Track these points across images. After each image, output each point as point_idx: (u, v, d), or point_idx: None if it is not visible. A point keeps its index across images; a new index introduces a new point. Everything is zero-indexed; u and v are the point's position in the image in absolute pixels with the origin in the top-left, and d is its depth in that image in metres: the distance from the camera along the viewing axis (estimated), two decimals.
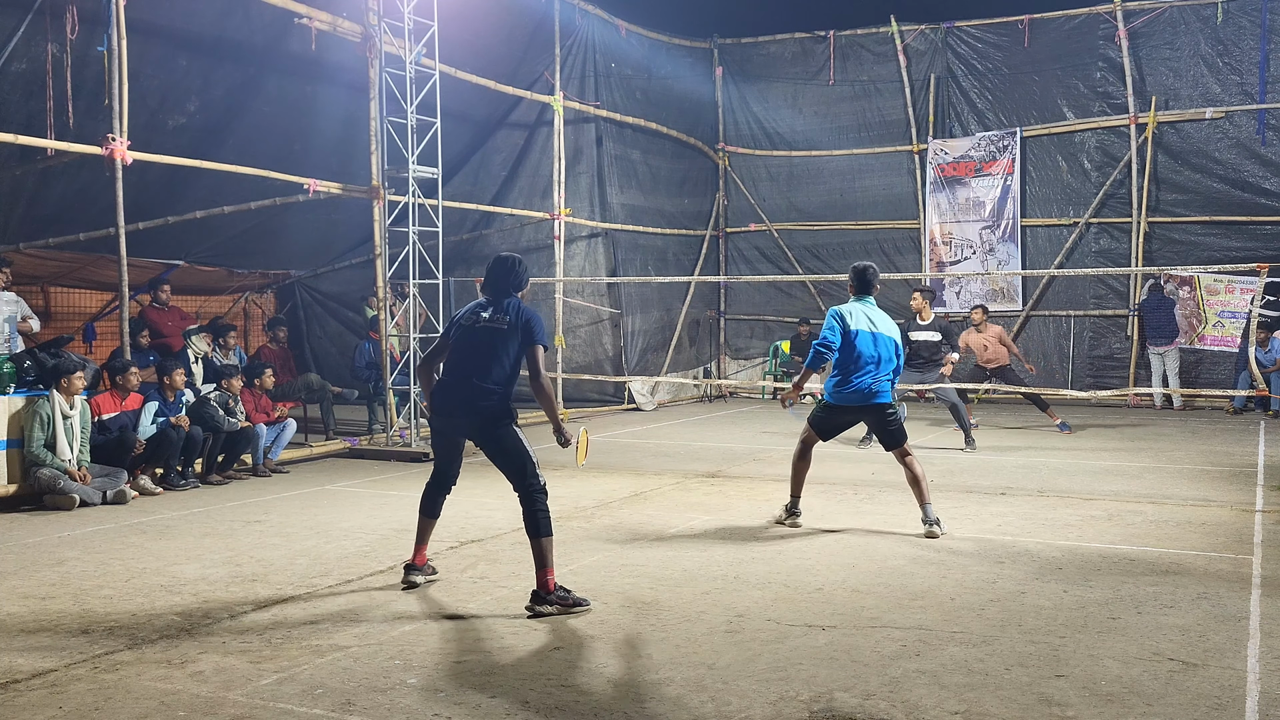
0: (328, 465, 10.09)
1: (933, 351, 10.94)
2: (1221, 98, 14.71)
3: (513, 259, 5.55)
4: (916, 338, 10.90)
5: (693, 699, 3.81)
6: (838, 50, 17.11)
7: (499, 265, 5.50)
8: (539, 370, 5.25)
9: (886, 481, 8.68)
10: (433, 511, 5.55)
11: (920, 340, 10.91)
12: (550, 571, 5.08)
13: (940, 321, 11.15)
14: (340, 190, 10.86)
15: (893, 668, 4.12)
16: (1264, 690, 3.86)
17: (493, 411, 5.25)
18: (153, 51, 9.68)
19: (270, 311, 15.12)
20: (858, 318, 6.99)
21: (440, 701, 3.81)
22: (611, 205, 15.64)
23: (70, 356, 8.25)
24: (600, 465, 9.70)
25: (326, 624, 4.77)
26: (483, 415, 5.26)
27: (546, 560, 5.09)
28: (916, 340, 10.90)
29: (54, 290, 12.33)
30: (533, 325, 5.31)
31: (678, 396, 16.77)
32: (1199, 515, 7.18)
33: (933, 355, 10.94)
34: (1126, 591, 5.22)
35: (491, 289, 5.48)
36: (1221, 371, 14.68)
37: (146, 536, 6.75)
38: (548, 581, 5.06)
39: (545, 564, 5.09)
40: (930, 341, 10.92)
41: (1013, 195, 15.97)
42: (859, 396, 6.91)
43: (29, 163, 9.43)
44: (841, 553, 6.14)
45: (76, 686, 3.99)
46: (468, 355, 5.33)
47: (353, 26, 10.64)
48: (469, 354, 5.33)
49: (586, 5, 14.92)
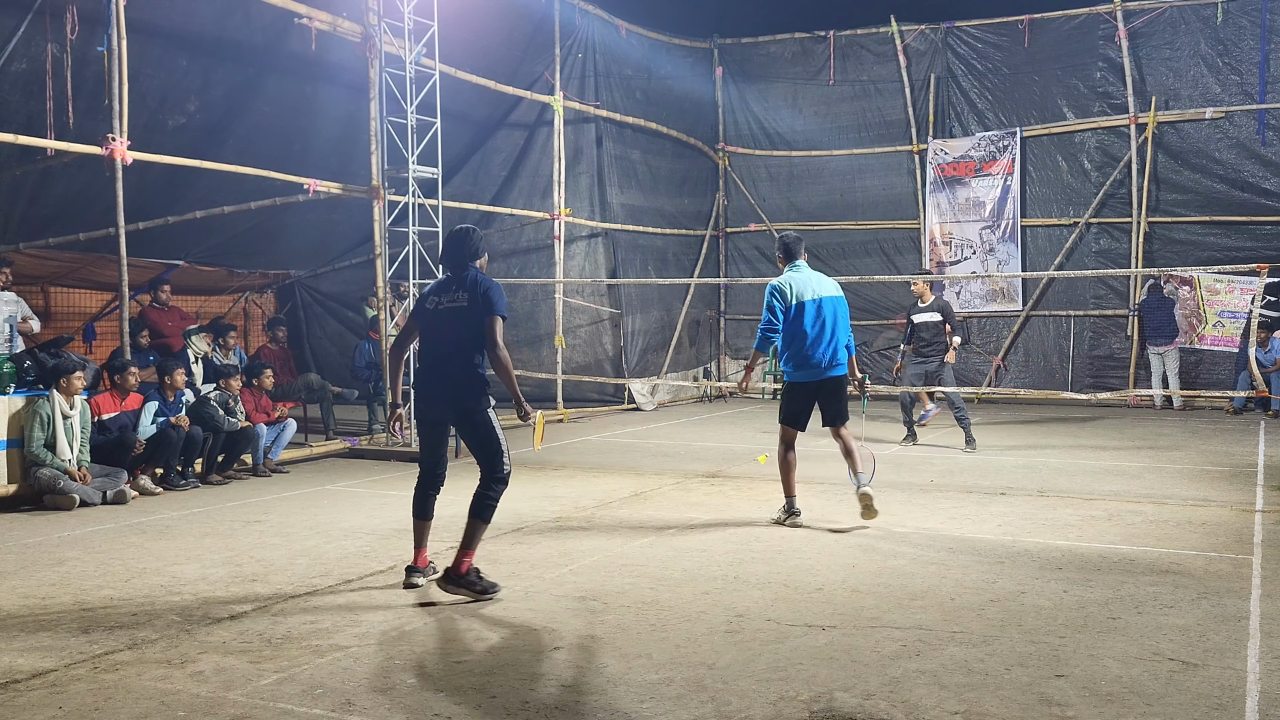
0: (328, 465, 10.09)
1: (934, 333, 10.97)
2: (1221, 98, 14.71)
3: (465, 229, 5.58)
4: (918, 320, 10.98)
5: (693, 699, 3.81)
6: (838, 50, 17.11)
7: (452, 238, 5.54)
8: (495, 341, 5.28)
9: (886, 481, 8.68)
10: (425, 514, 5.55)
11: (921, 322, 10.97)
12: (470, 555, 5.23)
13: (940, 302, 11.18)
14: (340, 190, 10.86)
15: (893, 668, 4.12)
16: (1264, 690, 3.86)
17: (465, 391, 5.32)
18: (153, 51, 9.68)
19: (270, 311, 15.13)
20: (798, 288, 6.85)
21: (440, 701, 3.81)
22: (611, 205, 15.64)
23: (70, 356, 8.25)
24: (600, 465, 9.71)
25: (326, 624, 4.77)
26: (456, 395, 5.34)
27: (473, 543, 5.25)
28: (918, 322, 10.97)
29: (54, 290, 12.33)
30: (491, 295, 5.33)
31: (678, 396, 16.77)
32: (1199, 515, 7.18)
33: (934, 337, 10.97)
34: (1126, 591, 5.22)
35: (450, 263, 5.52)
36: (1221, 371, 14.69)
37: (146, 536, 6.76)
38: (464, 564, 5.20)
39: (470, 546, 5.24)
40: (931, 323, 10.96)
41: (1013, 195, 15.97)
42: (817, 371, 6.82)
43: (29, 163, 9.43)
44: (841, 553, 6.14)
45: (76, 686, 3.99)
46: (436, 340, 5.43)
47: (353, 26, 10.64)
48: (436, 338, 5.43)
49: (586, 5, 14.92)
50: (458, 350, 5.33)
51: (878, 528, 6.87)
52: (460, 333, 5.34)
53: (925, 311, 10.99)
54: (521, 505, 7.67)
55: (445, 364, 5.37)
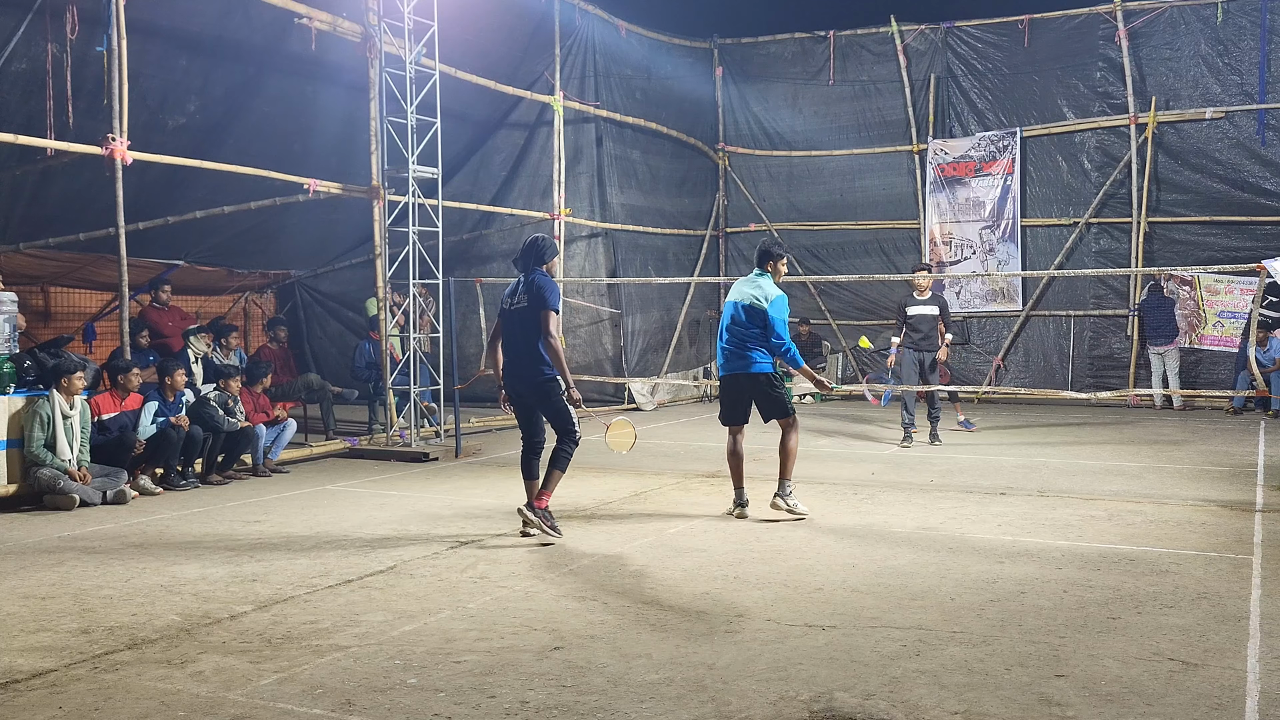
0: (328, 465, 10.09)
1: (930, 326, 11.03)
2: (1221, 98, 14.70)
3: (535, 238, 6.62)
4: (914, 312, 11.02)
5: (693, 699, 3.81)
6: (838, 50, 17.11)
7: (524, 246, 6.59)
8: (546, 330, 6.34)
9: (886, 481, 8.68)
10: (531, 474, 6.61)
11: (918, 314, 11.01)
12: (548, 495, 6.46)
13: (937, 296, 11.19)
14: (340, 190, 10.86)
15: (893, 668, 4.12)
16: (1264, 690, 3.86)
17: (538, 380, 6.44)
18: (153, 51, 9.68)
19: (270, 311, 15.13)
20: (732, 291, 7.40)
21: (440, 701, 3.81)
22: (611, 205, 15.64)
23: (70, 356, 8.25)
24: (600, 465, 9.71)
25: (326, 624, 4.77)
26: (531, 384, 6.48)
27: (550, 486, 6.46)
28: (914, 315, 11.01)
29: (54, 290, 12.33)
30: (544, 292, 6.38)
31: (678, 396, 16.77)
32: (1199, 515, 7.18)
33: (930, 330, 11.02)
34: (1126, 591, 5.22)
35: (521, 268, 6.56)
36: (1221, 371, 14.69)
37: (146, 536, 6.76)
38: (543, 499, 6.45)
39: (549, 487, 6.46)
40: (927, 315, 11.01)
41: (1013, 195, 15.97)
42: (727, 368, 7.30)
43: (29, 163, 9.43)
44: (841, 553, 6.14)
45: (76, 686, 3.99)
46: (510, 336, 6.54)
47: (353, 26, 10.65)
48: (510, 335, 6.54)
49: (586, 5, 14.91)
50: (525, 341, 6.42)
51: (878, 528, 6.87)
52: (525, 331, 6.42)
53: (923, 305, 11.01)
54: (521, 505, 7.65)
55: (518, 353, 6.47)
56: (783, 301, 7.25)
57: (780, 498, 7.25)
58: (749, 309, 7.19)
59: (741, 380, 7.25)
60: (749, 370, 7.20)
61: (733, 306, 7.28)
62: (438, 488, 8.74)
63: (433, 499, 8.16)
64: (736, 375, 7.27)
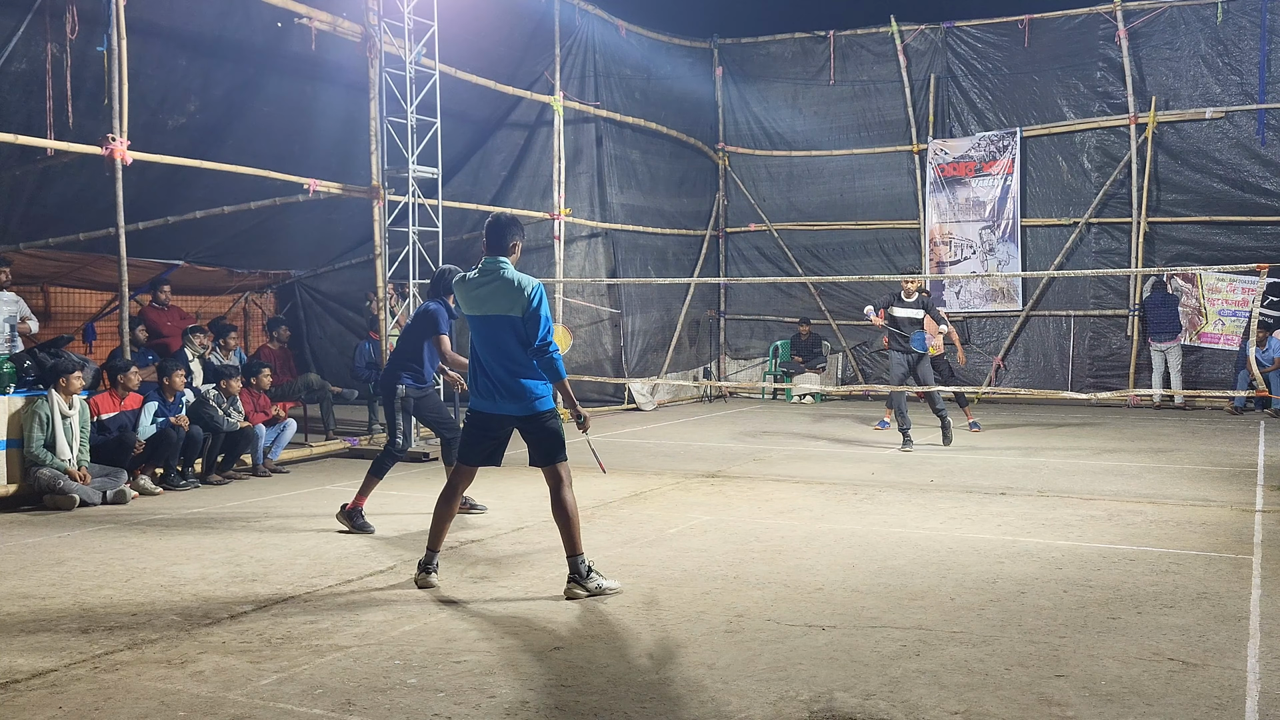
0: (328, 465, 10.09)
1: (914, 329, 10.94)
2: (1221, 98, 14.70)
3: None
4: (900, 314, 10.89)
5: (693, 699, 3.81)
6: (838, 50, 17.10)
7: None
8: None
9: (886, 482, 8.68)
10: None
11: (904, 317, 10.88)
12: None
13: (923, 299, 11.12)
14: (340, 190, 10.85)
15: (893, 668, 4.12)
16: (1264, 690, 3.86)
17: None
18: (153, 51, 9.67)
19: (270, 311, 15.13)
20: (466, 300, 5.42)
21: (440, 701, 3.81)
22: (611, 205, 15.63)
23: (70, 356, 8.25)
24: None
25: (326, 624, 4.77)
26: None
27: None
28: (900, 316, 10.88)
29: (54, 290, 12.33)
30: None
31: (678, 396, 16.77)
32: (1199, 515, 7.18)
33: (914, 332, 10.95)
34: (1126, 591, 5.22)
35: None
36: (1222, 371, 14.70)
37: (146, 536, 6.75)
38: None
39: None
40: (913, 319, 10.90)
41: (1013, 195, 15.97)
42: (492, 407, 5.39)
43: (29, 163, 9.42)
44: (841, 553, 6.14)
45: (76, 686, 3.99)
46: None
47: (353, 26, 10.64)
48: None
49: (586, 5, 14.91)
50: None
51: (878, 528, 6.86)
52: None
53: (909, 307, 10.94)
54: (521, 505, 7.67)
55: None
56: (542, 291, 5.34)
57: (578, 581, 5.21)
58: (513, 322, 5.24)
59: (511, 423, 5.40)
60: (533, 410, 5.32)
61: (483, 323, 5.32)
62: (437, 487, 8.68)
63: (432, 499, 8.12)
64: (503, 417, 5.37)
